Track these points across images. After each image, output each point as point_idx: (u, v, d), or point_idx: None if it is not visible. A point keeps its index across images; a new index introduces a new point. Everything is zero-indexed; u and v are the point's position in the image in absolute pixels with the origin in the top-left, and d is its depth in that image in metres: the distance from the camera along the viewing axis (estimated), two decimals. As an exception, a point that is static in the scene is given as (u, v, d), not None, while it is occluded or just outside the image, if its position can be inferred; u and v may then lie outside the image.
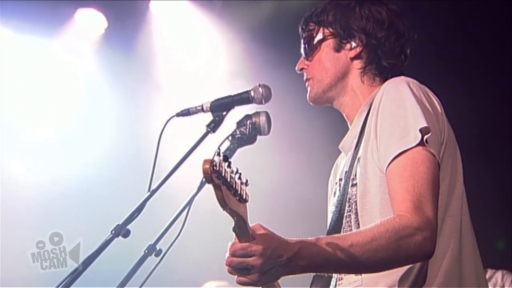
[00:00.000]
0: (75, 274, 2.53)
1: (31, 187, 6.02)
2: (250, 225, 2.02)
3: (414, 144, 2.23)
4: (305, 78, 2.75)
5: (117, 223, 2.64)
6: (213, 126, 2.83)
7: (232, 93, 2.87)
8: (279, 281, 2.15)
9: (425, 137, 2.25)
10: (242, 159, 3.06)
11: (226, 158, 1.89)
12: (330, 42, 2.69)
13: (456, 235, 2.35)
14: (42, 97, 6.10)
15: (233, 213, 1.95)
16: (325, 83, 2.68)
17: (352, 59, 2.66)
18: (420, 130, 2.25)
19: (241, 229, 1.99)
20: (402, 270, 2.25)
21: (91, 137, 6.11)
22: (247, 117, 2.92)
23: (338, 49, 2.67)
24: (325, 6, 2.73)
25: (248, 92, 2.84)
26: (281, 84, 3.24)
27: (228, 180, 1.90)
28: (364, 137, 2.46)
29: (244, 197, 1.98)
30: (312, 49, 2.72)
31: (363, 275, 2.32)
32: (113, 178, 6.00)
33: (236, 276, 2.04)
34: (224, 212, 1.94)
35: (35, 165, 6.10)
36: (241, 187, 1.96)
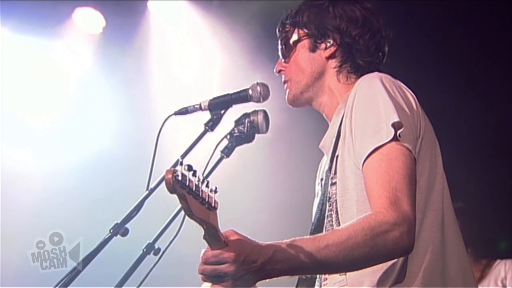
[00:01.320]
0: (74, 273, 2.53)
1: (31, 187, 6.01)
2: (223, 231, 2.01)
3: (387, 140, 2.23)
4: (283, 80, 2.79)
5: (115, 222, 2.65)
6: (211, 125, 2.83)
7: (230, 92, 2.87)
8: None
9: (398, 131, 2.24)
10: (240, 157, 3.07)
11: (190, 167, 1.89)
12: (305, 42, 2.72)
13: (437, 229, 2.34)
14: (39, 97, 6.10)
15: (201, 221, 1.94)
16: (302, 84, 2.71)
17: (327, 58, 2.68)
18: (393, 125, 2.24)
19: (212, 236, 1.98)
20: (385, 267, 2.25)
21: (88, 136, 6.10)
22: (245, 115, 2.92)
23: (313, 49, 2.70)
24: (300, 7, 2.76)
25: (246, 90, 2.85)
26: (279, 83, 3.23)
27: (193, 189, 1.90)
28: (341, 135, 2.47)
29: (213, 204, 1.97)
30: (288, 51, 2.75)
31: (347, 274, 2.31)
32: (113, 177, 5.99)
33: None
34: (192, 220, 1.94)
35: (34, 165, 6.10)
36: (208, 195, 1.96)
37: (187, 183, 1.88)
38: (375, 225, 2.09)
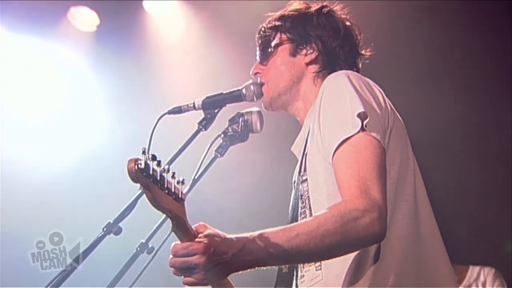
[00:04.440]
0: (67, 272, 2.53)
1: (31, 187, 6.00)
2: (194, 225, 2.01)
3: (355, 131, 2.25)
4: (259, 82, 2.82)
5: (108, 221, 2.65)
6: (205, 124, 2.84)
7: (224, 91, 2.88)
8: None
9: (364, 122, 2.27)
10: (235, 156, 3.07)
11: (154, 157, 1.87)
12: (287, 47, 2.78)
13: (411, 222, 2.35)
14: (34, 95, 6.08)
15: (167, 212, 1.93)
16: (281, 87, 2.76)
17: (307, 64, 2.75)
18: (359, 116, 2.27)
19: (181, 228, 1.97)
20: (359, 258, 2.26)
21: (84, 135, 6.09)
22: (239, 114, 2.93)
23: (294, 54, 2.77)
24: (284, 13, 2.84)
25: (239, 89, 2.86)
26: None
27: (158, 178, 1.86)
28: (309, 132, 2.50)
29: (180, 196, 1.95)
30: (268, 54, 2.82)
31: (322, 269, 2.33)
32: (113, 177, 5.96)
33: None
34: (159, 211, 1.92)
35: (34, 165, 6.09)
36: (175, 186, 1.93)
37: (151, 172, 1.84)
38: (345, 212, 2.09)
